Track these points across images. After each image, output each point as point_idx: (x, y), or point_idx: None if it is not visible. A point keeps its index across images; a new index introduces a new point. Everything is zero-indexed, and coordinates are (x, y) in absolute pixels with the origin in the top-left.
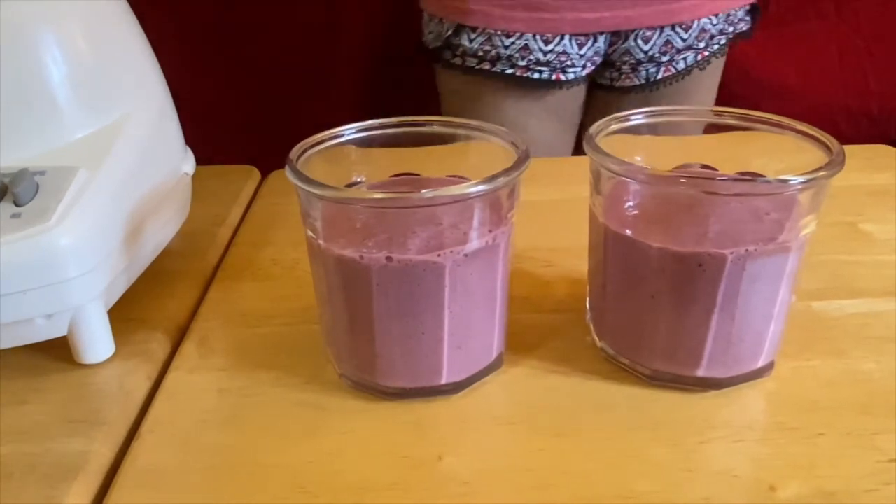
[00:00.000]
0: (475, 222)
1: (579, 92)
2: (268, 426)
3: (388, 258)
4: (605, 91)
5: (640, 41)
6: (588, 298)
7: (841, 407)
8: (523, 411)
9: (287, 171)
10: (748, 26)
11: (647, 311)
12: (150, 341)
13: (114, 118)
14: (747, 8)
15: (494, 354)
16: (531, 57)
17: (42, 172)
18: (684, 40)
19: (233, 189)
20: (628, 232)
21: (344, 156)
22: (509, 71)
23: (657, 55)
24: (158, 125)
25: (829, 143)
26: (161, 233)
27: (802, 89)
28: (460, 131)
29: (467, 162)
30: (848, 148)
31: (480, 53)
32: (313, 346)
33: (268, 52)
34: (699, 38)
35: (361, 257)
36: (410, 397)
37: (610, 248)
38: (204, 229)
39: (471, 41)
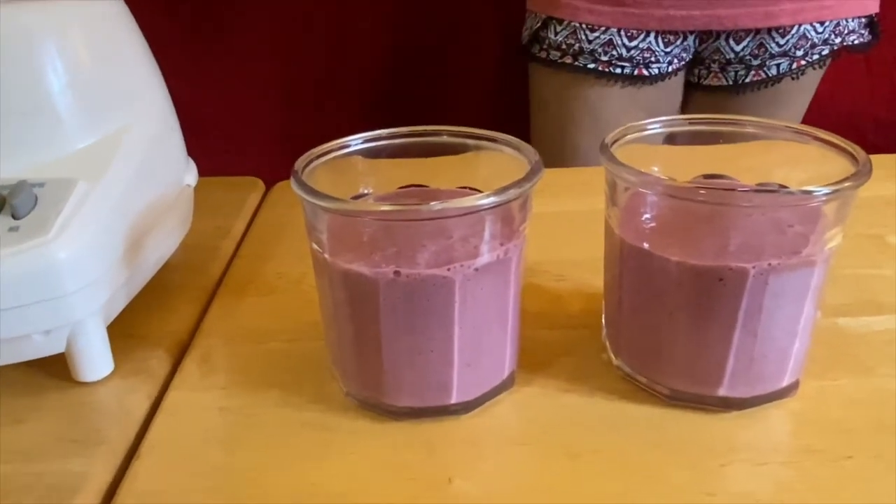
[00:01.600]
0: (486, 235)
1: (670, 88)
2: (271, 447)
3: (397, 272)
4: (693, 89)
5: (731, 41)
6: (603, 314)
7: (869, 428)
8: (536, 432)
9: (292, 183)
10: (862, 40)
11: (665, 328)
12: (151, 358)
13: (114, 129)
14: (863, 20)
15: (506, 372)
16: (614, 52)
17: (41, 185)
18: (780, 46)
19: (236, 201)
20: (645, 245)
21: (350, 167)
22: (591, 65)
23: (748, 57)
24: (160, 136)
25: (854, 153)
26: (162, 246)
27: (829, 98)
28: (470, 141)
29: (478, 173)
30: (874, 158)
31: (564, 46)
32: (318, 364)
33: (273, 60)
34: (797, 46)
35: (369, 271)
36: (419, 417)
37: (626, 262)
38: (206, 242)
39: (556, 34)
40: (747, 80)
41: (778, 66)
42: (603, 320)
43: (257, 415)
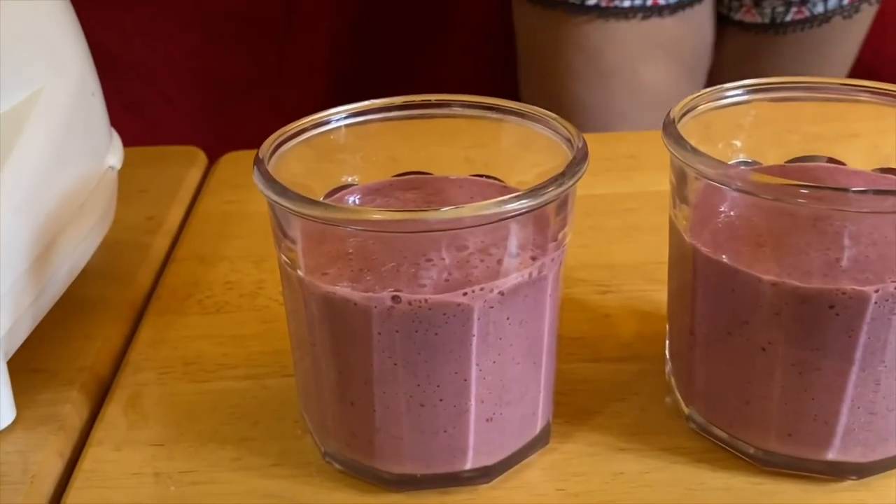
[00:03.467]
0: (513, 247)
1: (697, 20)
2: None
3: (395, 298)
4: (725, 23)
5: None
6: (667, 343)
7: None
8: None
9: (255, 177)
10: None
11: (755, 369)
12: (63, 402)
13: (16, 98)
14: None
15: (539, 426)
16: None
17: None
18: None
19: (171, 181)
20: (725, 258)
21: (331, 149)
22: (591, 1)
23: None
24: (77, 106)
25: None
26: (78, 250)
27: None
28: (491, 115)
29: (497, 156)
30: None
31: None
32: (285, 410)
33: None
34: None
35: (358, 296)
36: (423, 487)
37: (700, 279)
38: (132, 239)
39: None
40: (787, 18)
41: (826, 1)
42: (667, 351)
43: (204, 482)
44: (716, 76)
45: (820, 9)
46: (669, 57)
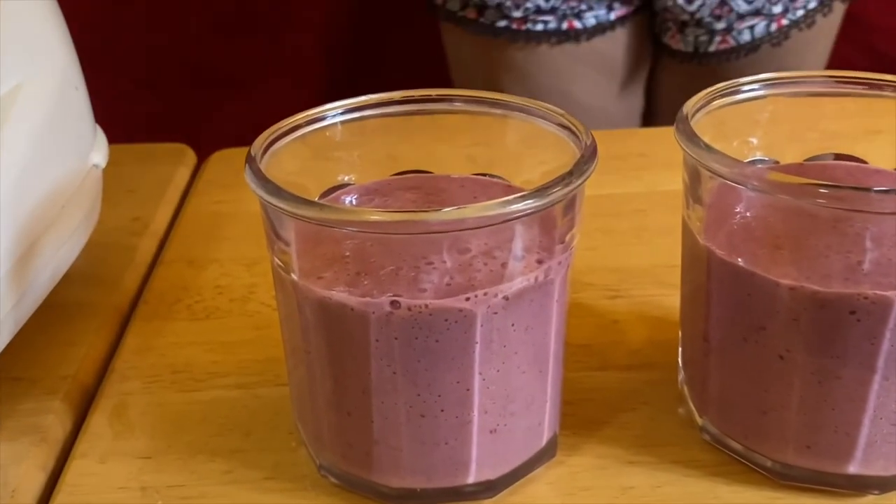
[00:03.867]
0: (518, 250)
1: (623, 41)
2: None
3: (394, 303)
4: (657, 44)
5: None
6: (680, 350)
7: None
8: None
9: (247, 175)
10: None
11: (772, 377)
12: (45, 412)
13: None
14: None
15: (545, 438)
16: (528, 4)
17: None
18: (749, 2)
19: (158, 179)
20: (741, 261)
21: (327, 146)
22: (502, 23)
23: (707, 20)
24: (59, 101)
25: None
26: (61, 253)
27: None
28: (494, 110)
29: (501, 154)
30: None
31: None
32: (279, 421)
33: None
34: (773, 0)
35: (355, 302)
36: (423, 502)
37: (715, 283)
38: (118, 241)
39: None
40: (711, 48)
41: (752, 29)
42: (679, 359)
43: (193, 497)
44: (656, 91)
45: (746, 37)
46: (600, 74)
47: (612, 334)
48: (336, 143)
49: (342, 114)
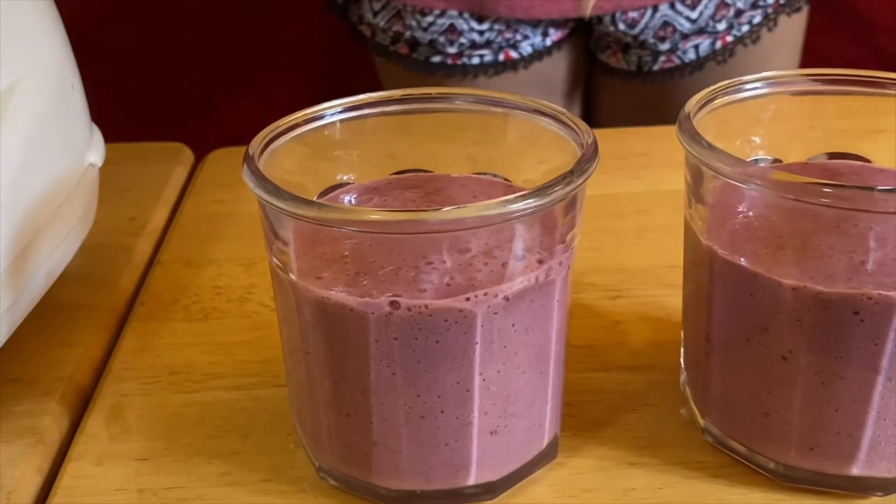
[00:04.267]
0: (519, 250)
1: (560, 62)
2: None
3: (394, 303)
4: (593, 60)
5: (621, 24)
6: (682, 351)
7: None
8: None
9: (245, 175)
10: None
11: (775, 378)
12: (41, 413)
13: None
14: None
15: (546, 439)
16: (462, 40)
17: None
18: (693, 21)
19: (155, 179)
20: (744, 261)
21: (326, 145)
22: (435, 59)
23: (651, 41)
24: (56, 100)
25: None
26: (57, 253)
27: None
28: (495, 109)
29: (502, 153)
30: None
31: (392, 33)
32: (277, 423)
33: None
34: (717, 17)
35: (354, 302)
36: None
37: (717, 283)
38: (115, 242)
39: (374, 14)
40: (655, 67)
41: (697, 48)
42: (681, 360)
43: (191, 499)
44: (595, 103)
45: (692, 55)
46: (541, 93)
47: (614, 335)
48: (335, 142)
49: (341, 112)
